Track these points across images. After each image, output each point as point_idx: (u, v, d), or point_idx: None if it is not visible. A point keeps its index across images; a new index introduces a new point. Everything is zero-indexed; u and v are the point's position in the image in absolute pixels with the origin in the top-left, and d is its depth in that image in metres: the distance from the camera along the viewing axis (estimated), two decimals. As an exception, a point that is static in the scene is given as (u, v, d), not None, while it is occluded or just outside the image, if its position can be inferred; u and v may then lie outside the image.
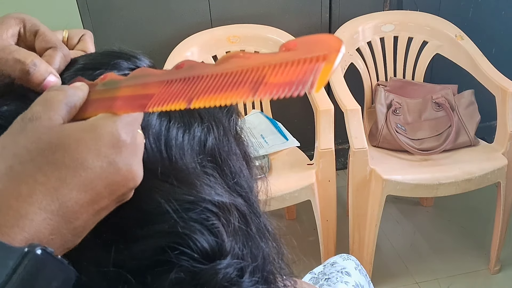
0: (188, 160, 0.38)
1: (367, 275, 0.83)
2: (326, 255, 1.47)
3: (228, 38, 1.64)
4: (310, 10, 1.79)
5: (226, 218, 0.37)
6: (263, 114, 1.67)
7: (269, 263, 0.41)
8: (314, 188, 1.37)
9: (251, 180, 0.43)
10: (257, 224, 0.41)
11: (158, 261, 0.35)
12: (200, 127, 0.39)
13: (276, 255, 0.43)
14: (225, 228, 0.37)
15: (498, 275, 1.60)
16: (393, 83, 1.69)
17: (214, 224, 0.36)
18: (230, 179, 0.40)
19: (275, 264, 0.42)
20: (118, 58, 0.41)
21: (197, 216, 0.36)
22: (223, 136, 0.41)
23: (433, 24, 1.68)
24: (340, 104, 1.41)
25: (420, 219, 1.89)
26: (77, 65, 0.41)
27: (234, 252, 0.37)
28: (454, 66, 1.64)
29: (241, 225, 0.39)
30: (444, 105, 1.55)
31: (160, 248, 0.34)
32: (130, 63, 0.42)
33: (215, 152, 0.40)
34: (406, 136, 1.53)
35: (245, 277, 0.37)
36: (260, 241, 0.40)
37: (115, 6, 1.63)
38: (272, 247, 0.42)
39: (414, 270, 1.64)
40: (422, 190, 1.41)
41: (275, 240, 0.43)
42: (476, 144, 1.53)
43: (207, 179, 0.38)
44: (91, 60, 0.42)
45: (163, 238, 0.35)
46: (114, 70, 0.40)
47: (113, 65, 0.41)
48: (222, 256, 0.36)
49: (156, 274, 0.35)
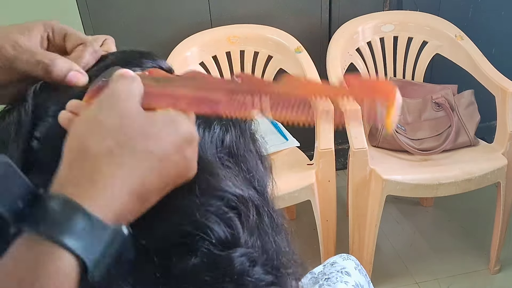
0: (209, 154, 0.41)
1: (367, 275, 0.83)
2: (326, 255, 1.47)
3: (228, 38, 1.64)
4: (310, 10, 1.79)
5: (244, 211, 0.39)
6: (263, 114, 1.67)
7: (280, 256, 0.42)
8: (314, 188, 1.37)
9: (265, 177, 0.46)
10: (270, 219, 0.43)
11: (181, 244, 0.37)
12: (219, 125, 0.42)
13: (287, 249, 0.44)
14: (241, 220, 0.39)
15: (498, 275, 1.60)
16: (393, 83, 1.68)
17: (230, 217, 0.38)
18: (246, 174, 0.43)
19: (286, 257, 0.44)
20: (144, 57, 0.45)
21: (216, 207, 0.38)
22: (240, 134, 0.44)
23: (433, 24, 1.68)
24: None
25: (420, 219, 1.89)
26: (107, 61, 0.45)
27: (248, 244, 0.39)
28: (454, 66, 1.64)
29: (257, 218, 0.41)
30: (444, 105, 1.55)
31: (182, 232, 0.37)
32: (154, 62, 0.45)
33: (233, 148, 0.43)
34: (406, 136, 1.53)
35: (258, 267, 0.39)
36: (273, 234, 0.42)
37: (115, 6, 1.63)
38: (283, 241, 0.44)
39: (414, 270, 1.64)
40: (422, 190, 1.41)
41: (286, 235, 0.45)
42: (476, 144, 1.53)
43: (227, 172, 0.40)
44: (119, 57, 0.46)
45: (184, 224, 0.37)
46: (138, 67, 0.43)
47: (138, 63, 0.44)
48: (238, 246, 0.38)
49: (178, 256, 0.37)
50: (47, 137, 0.39)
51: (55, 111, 0.39)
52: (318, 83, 0.36)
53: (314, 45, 1.77)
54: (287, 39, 1.63)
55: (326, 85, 0.36)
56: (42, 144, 0.39)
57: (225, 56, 1.65)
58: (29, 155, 0.38)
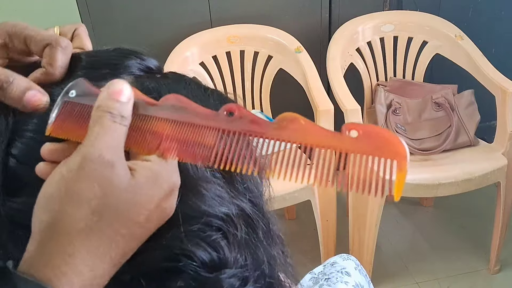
0: (199, 166, 0.37)
1: (367, 275, 0.83)
2: (326, 255, 1.47)
3: (228, 38, 1.64)
4: (310, 10, 1.79)
5: (230, 231, 0.37)
6: (263, 114, 1.67)
7: (274, 269, 0.41)
8: (314, 188, 1.37)
9: (260, 186, 0.43)
10: (265, 229, 0.41)
11: (168, 268, 0.35)
12: None
13: (282, 261, 0.43)
14: (228, 240, 0.37)
15: (498, 275, 1.60)
16: (393, 83, 1.69)
17: (215, 239, 0.36)
18: (240, 184, 0.40)
19: (280, 269, 0.42)
20: (128, 58, 0.40)
21: (198, 231, 0.36)
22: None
23: (433, 24, 1.68)
24: (340, 104, 1.41)
25: (420, 219, 1.89)
26: (80, 63, 0.39)
27: (238, 263, 0.37)
28: (454, 66, 1.64)
29: (248, 233, 0.39)
30: (444, 105, 1.55)
31: (168, 257, 0.35)
32: (141, 64, 0.40)
33: None
34: (406, 136, 1.52)
35: (249, 285, 0.37)
36: (267, 246, 0.40)
37: (114, 5, 1.63)
38: (278, 253, 0.42)
39: (414, 270, 1.64)
40: (422, 190, 1.41)
41: (281, 246, 0.43)
42: (476, 144, 1.53)
43: (215, 187, 0.37)
44: (95, 59, 0.40)
45: (169, 249, 0.35)
46: (124, 73, 0.39)
47: (122, 66, 0.39)
48: (226, 267, 0.36)
49: (165, 280, 0.35)
50: (24, 158, 0.35)
51: (34, 130, 0.35)
52: (319, 129, 0.33)
53: (314, 45, 1.77)
54: (287, 39, 1.63)
55: (329, 133, 0.32)
56: (20, 164, 0.35)
57: (225, 56, 1.65)
58: (6, 172, 0.35)
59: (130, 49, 0.41)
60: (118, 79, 0.34)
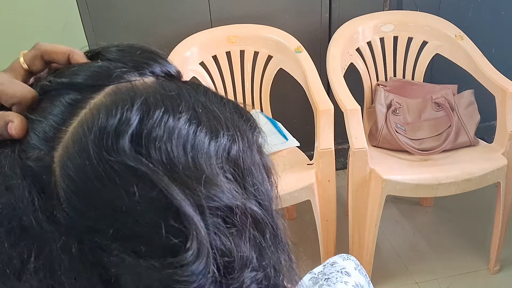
0: (212, 165, 0.37)
1: (366, 275, 0.83)
2: (326, 255, 1.47)
3: (228, 38, 1.64)
4: (310, 10, 1.79)
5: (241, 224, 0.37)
6: (263, 114, 1.67)
7: (279, 275, 0.41)
8: (314, 188, 1.37)
9: (271, 191, 0.43)
10: (273, 234, 0.41)
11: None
12: (226, 136, 0.39)
13: (288, 267, 0.42)
14: (240, 234, 0.37)
15: (498, 275, 1.60)
16: (393, 83, 1.69)
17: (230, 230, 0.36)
18: (250, 186, 0.40)
19: (285, 276, 0.42)
20: (151, 59, 0.40)
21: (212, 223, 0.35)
22: (247, 147, 0.41)
23: (433, 24, 1.68)
24: (340, 104, 1.41)
25: (420, 219, 1.89)
26: (110, 55, 0.39)
27: (252, 263, 0.37)
28: (454, 66, 1.64)
29: (256, 233, 0.39)
30: (444, 105, 1.55)
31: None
32: (162, 68, 0.40)
33: (238, 160, 0.40)
34: (406, 136, 1.53)
35: (253, 285, 0.37)
36: (274, 251, 0.40)
37: (115, 5, 1.63)
38: (285, 259, 0.42)
39: (414, 270, 1.64)
40: (422, 190, 1.41)
41: (288, 253, 0.43)
42: (476, 144, 1.53)
43: (227, 185, 0.37)
44: (122, 52, 0.40)
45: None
46: (147, 73, 0.39)
47: (146, 66, 0.39)
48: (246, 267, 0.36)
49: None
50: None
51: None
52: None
53: (314, 45, 1.78)
54: (287, 39, 1.63)
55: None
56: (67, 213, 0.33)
57: (225, 56, 1.65)
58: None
59: (155, 51, 0.41)
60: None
